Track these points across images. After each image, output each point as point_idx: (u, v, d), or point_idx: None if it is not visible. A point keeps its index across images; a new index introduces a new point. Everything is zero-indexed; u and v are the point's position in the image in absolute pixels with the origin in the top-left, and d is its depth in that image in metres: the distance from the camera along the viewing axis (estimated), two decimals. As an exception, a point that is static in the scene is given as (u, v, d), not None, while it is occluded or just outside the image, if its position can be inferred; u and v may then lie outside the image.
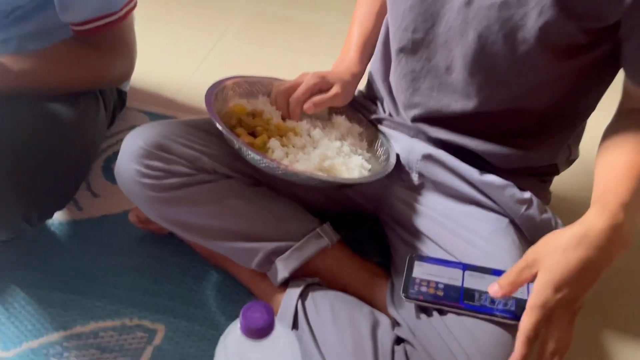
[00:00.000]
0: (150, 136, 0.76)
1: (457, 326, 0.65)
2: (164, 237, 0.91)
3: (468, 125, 0.77)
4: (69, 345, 0.78)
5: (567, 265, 0.56)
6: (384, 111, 0.88)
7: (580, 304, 0.58)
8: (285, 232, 0.78)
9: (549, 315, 0.56)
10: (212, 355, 0.78)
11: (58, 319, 0.81)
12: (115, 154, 1.05)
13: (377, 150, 0.86)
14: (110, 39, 0.86)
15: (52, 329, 0.80)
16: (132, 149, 0.76)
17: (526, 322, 0.56)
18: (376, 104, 0.90)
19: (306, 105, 0.80)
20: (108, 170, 1.04)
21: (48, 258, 0.89)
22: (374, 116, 0.88)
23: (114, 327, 0.81)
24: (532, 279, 0.59)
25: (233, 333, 0.54)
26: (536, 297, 0.56)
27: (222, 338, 0.56)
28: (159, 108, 1.19)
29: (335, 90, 0.83)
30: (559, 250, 0.57)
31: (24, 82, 0.81)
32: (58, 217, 0.95)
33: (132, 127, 1.12)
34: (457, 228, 0.76)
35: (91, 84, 0.90)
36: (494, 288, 0.61)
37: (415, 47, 0.76)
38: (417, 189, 0.81)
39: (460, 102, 0.75)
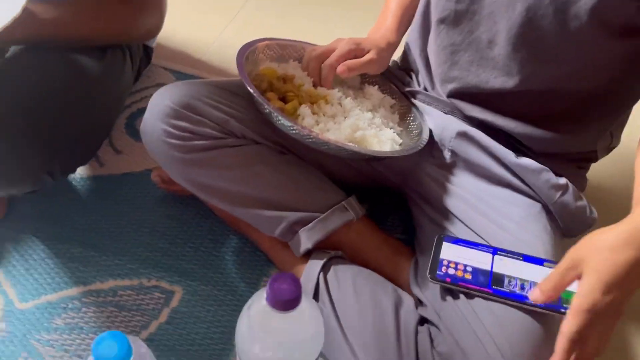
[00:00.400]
0: (179, 96, 0.74)
1: (485, 311, 0.63)
2: (185, 199, 0.90)
3: (506, 104, 0.74)
4: (87, 301, 0.78)
5: (616, 265, 0.52)
6: (419, 84, 0.85)
7: (624, 309, 0.54)
8: (311, 202, 0.76)
9: (595, 319, 0.52)
10: (228, 320, 0.78)
11: (77, 274, 0.81)
12: (139, 110, 1.05)
13: (409, 124, 0.83)
14: (139, -9, 0.83)
15: (71, 283, 0.80)
16: (159, 107, 0.74)
17: (571, 326, 0.52)
18: (411, 77, 0.87)
19: (339, 68, 0.76)
20: (131, 127, 1.02)
21: (69, 213, 0.88)
22: (407, 89, 0.85)
23: (132, 286, 0.81)
24: (575, 280, 0.55)
25: (257, 303, 0.53)
26: (584, 299, 0.52)
27: (245, 307, 0.55)
28: (184, 67, 1.16)
29: (370, 56, 0.79)
30: (605, 250, 0.53)
31: (50, 30, 0.78)
32: (79, 172, 0.94)
33: (158, 84, 1.10)
34: (488, 210, 0.73)
35: (119, 37, 0.87)
36: (536, 293, 0.56)
37: (458, 18, 0.73)
38: (448, 167, 0.79)
39: (500, 79, 0.72)
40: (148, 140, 0.76)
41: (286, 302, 0.49)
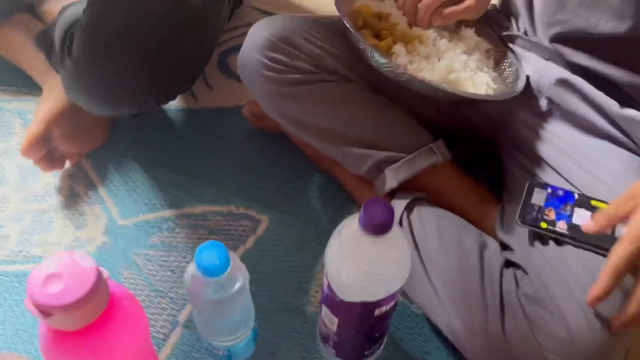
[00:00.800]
0: (276, 29, 0.75)
1: (574, 258, 0.62)
2: (273, 135, 0.92)
3: (615, 51, 0.70)
4: (181, 222, 0.84)
5: None
6: (519, 29, 0.82)
7: None
8: (399, 142, 0.77)
9: None
10: (311, 251, 0.81)
11: (172, 198, 0.86)
12: (231, 49, 1.08)
13: (504, 69, 0.80)
14: None
15: (166, 205, 0.85)
16: (257, 40, 0.75)
17: (619, 252, 0.51)
18: (510, 20, 0.83)
19: (435, 18, 0.75)
20: (223, 64, 1.05)
21: (165, 141, 0.93)
22: (505, 33, 0.82)
23: (222, 212, 0.85)
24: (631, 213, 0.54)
25: (349, 227, 0.54)
26: (636, 227, 0.51)
27: (336, 231, 0.56)
28: (275, 7, 1.17)
29: (468, 2, 0.77)
30: None
31: None
32: (175, 104, 0.99)
33: (249, 24, 1.11)
34: (584, 161, 0.71)
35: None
36: (588, 223, 0.57)
37: None
38: (544, 116, 0.76)
39: (611, 23, 0.68)
40: (244, 72, 0.78)
41: (379, 225, 0.50)
